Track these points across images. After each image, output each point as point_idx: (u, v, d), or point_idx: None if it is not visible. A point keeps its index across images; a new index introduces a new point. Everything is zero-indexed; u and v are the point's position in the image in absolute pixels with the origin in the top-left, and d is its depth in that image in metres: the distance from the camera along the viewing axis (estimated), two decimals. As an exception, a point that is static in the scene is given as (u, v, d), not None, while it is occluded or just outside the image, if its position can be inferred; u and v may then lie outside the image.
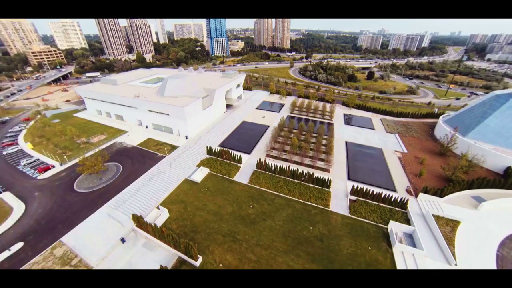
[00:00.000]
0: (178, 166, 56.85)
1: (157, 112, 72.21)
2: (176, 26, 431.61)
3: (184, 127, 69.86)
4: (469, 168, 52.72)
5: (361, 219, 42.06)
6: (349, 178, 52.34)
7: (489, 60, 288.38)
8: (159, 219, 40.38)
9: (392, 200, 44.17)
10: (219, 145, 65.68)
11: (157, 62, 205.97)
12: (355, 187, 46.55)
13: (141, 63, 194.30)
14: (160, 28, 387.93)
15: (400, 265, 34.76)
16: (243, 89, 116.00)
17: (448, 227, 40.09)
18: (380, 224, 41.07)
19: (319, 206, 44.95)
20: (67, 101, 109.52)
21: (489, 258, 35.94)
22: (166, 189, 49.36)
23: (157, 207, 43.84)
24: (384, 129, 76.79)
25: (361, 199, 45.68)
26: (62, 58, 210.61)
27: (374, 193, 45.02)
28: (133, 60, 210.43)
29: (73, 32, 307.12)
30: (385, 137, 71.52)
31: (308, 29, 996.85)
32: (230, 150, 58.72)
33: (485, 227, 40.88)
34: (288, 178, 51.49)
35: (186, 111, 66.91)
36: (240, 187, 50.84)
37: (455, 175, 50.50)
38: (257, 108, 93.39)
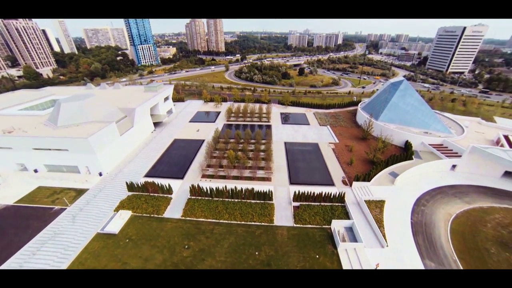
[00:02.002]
0: (86, 218, 42.84)
1: (50, 149, 54.02)
2: (87, 31, 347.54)
3: (94, 162, 54.41)
4: (384, 148, 59.27)
5: (306, 226, 40.07)
6: (291, 183, 50.57)
7: (381, 53, 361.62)
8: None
9: (332, 196, 44.16)
10: (146, 175, 54.01)
11: (61, 77, 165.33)
12: (297, 193, 44.57)
13: (34, 80, 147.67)
14: (62, 33, 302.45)
15: (345, 265, 33.91)
16: (175, 101, 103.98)
17: (377, 209, 42.46)
18: (324, 226, 39.98)
19: (263, 224, 40.77)
20: None
21: (406, 228, 39.48)
22: (64, 259, 35.58)
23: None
24: (318, 123, 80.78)
25: (304, 203, 44.03)
26: None
27: (315, 194, 44.08)
28: (19, 77, 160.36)
29: None
30: (319, 131, 74.84)
31: (243, 31, 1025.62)
32: (157, 181, 48.29)
33: (401, 200, 45.56)
34: (227, 200, 45.54)
35: (93, 142, 52.05)
36: (172, 224, 41.72)
37: (375, 157, 55.55)
38: (190, 121, 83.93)
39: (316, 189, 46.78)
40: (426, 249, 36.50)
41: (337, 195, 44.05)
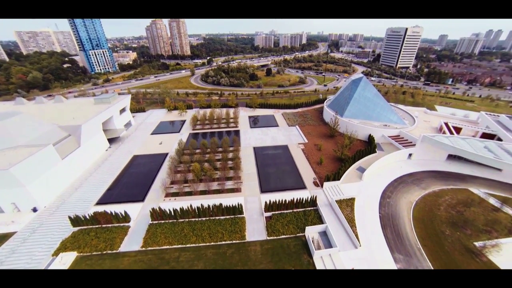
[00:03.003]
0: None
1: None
2: (21, 34, 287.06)
3: (24, 196, 44.67)
4: (350, 144, 61.20)
5: (280, 237, 38.15)
6: (262, 191, 48.39)
7: (342, 51, 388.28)
8: None
9: (304, 201, 43.11)
10: (98, 203, 46.41)
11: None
12: (268, 203, 42.44)
13: None
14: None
15: (323, 273, 32.58)
16: (135, 112, 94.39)
17: (348, 208, 42.76)
18: (298, 234, 38.56)
19: (234, 241, 37.67)
20: None
21: (376, 224, 40.39)
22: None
23: None
24: (287, 124, 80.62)
25: (277, 212, 42.16)
26: None
27: (287, 201, 42.49)
28: None
29: None
30: (289, 132, 74.55)
31: (209, 33, 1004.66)
32: (110, 210, 41.55)
33: (369, 194, 46.86)
34: (193, 220, 41.30)
35: (19, 173, 42.57)
36: (129, 259, 35.95)
37: (343, 154, 56.80)
38: (152, 133, 76.39)
39: (288, 195, 45.56)
40: (394, 242, 37.56)
41: (309, 199, 43.18)
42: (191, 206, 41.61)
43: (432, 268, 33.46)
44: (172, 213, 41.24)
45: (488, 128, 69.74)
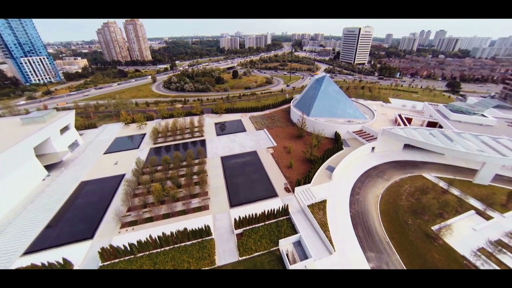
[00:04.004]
0: None
1: None
2: None
3: None
4: (319, 143, 61.77)
5: (253, 255, 35.40)
6: (232, 205, 45.08)
7: (305, 50, 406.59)
8: None
9: (276, 212, 41.07)
10: (27, 251, 37.41)
11: None
12: (238, 219, 39.35)
13: None
14: None
15: None
16: (84, 129, 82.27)
17: (321, 211, 42.19)
18: (272, 249, 36.28)
19: (204, 268, 33.66)
20: None
21: (348, 224, 40.47)
22: None
23: None
24: (254, 127, 78.55)
25: (248, 228, 39.29)
26: None
27: (258, 214, 39.94)
28: None
29: None
30: (256, 136, 72.50)
31: (172, 36, 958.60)
32: (43, 259, 33.65)
33: (339, 194, 47.12)
34: (155, 251, 35.99)
35: None
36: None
37: (312, 155, 56.77)
38: (106, 153, 66.80)
39: (259, 206, 43.39)
40: (366, 240, 37.88)
41: (280, 208, 41.32)
42: (150, 236, 36.20)
43: (401, 261, 34.35)
44: (128, 248, 35.32)
45: (431, 116, 77.75)
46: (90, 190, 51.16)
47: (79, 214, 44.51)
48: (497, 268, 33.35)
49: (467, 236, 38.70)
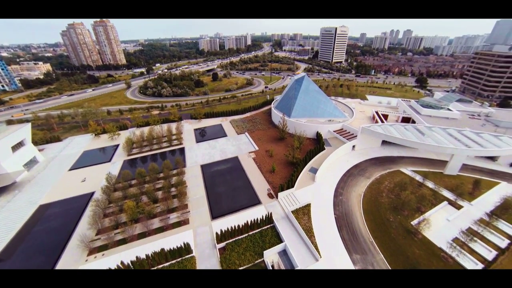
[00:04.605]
0: None
1: None
2: None
3: None
4: (301, 145, 61.42)
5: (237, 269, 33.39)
6: (213, 217, 42.69)
7: (285, 50, 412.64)
8: None
9: (259, 221, 39.46)
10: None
11: None
12: (220, 232, 37.13)
13: None
14: None
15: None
16: (46, 143, 74.14)
17: (305, 216, 41.40)
18: (257, 261, 34.60)
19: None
20: None
21: (333, 227, 40.05)
22: None
23: None
24: (235, 132, 76.46)
25: (231, 241, 37.23)
26: None
27: (241, 226, 38.06)
28: None
29: None
30: (238, 141, 70.50)
31: (148, 39, 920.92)
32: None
33: (322, 196, 46.71)
34: (127, 280, 32.41)
35: None
36: None
37: (294, 158, 56.12)
38: (72, 169, 60.41)
39: (242, 216, 41.64)
40: (351, 242, 37.71)
41: (264, 217, 39.80)
42: (122, 263, 32.64)
43: (385, 260, 34.55)
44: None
45: (405, 112, 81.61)
46: (52, 214, 45.46)
47: (37, 244, 39.15)
48: (470, 256, 34.83)
49: (442, 227, 40.22)
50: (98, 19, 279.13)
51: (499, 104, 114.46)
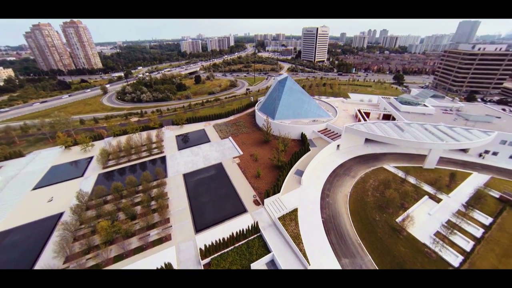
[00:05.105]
0: None
1: None
2: None
3: None
4: (286, 147, 60.58)
5: (223, 287, 31.40)
6: (197, 230, 40.31)
7: (268, 51, 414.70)
8: None
9: (245, 231, 37.75)
10: None
11: None
12: (205, 247, 34.90)
13: None
14: None
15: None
16: (2, 160, 66.67)
17: (292, 222, 40.38)
18: (244, 275, 32.81)
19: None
20: None
21: (321, 231, 39.31)
22: None
23: None
24: (219, 136, 74.10)
25: (216, 255, 35.14)
26: None
27: (226, 238, 36.13)
28: None
29: None
30: (222, 146, 68.25)
31: (126, 41, 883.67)
32: None
33: (309, 200, 45.98)
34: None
35: None
36: None
37: (280, 161, 55.09)
38: (36, 188, 54.44)
39: (228, 227, 39.87)
40: (339, 246, 37.20)
41: (250, 227, 38.17)
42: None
43: (373, 262, 34.36)
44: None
45: (385, 109, 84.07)
46: (9, 244, 40.04)
47: (-4, 277, 34.32)
48: (451, 249, 35.70)
49: (425, 222, 41.10)
50: (68, 20, 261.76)
51: (466, 98, 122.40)
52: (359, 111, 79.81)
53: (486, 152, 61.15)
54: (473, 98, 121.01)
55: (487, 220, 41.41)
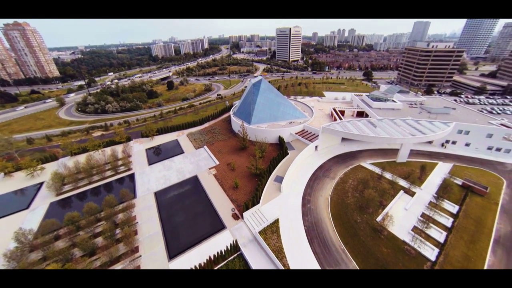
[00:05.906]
0: None
1: None
2: None
3: None
4: (263, 153, 58.41)
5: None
6: (171, 257, 36.02)
7: (243, 52, 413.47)
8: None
9: (224, 252, 34.53)
10: None
11: None
12: (175, 278, 30.88)
13: None
14: None
15: None
16: None
17: (274, 235, 38.18)
18: (225, 304, 29.61)
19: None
20: None
21: (304, 242, 37.61)
22: None
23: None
24: (193, 146, 69.47)
25: (192, 285, 31.32)
26: None
27: (203, 264, 32.58)
28: None
29: None
30: (196, 156, 63.88)
31: (89, 45, 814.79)
32: None
33: (290, 208, 44.15)
34: None
35: None
36: None
37: (258, 169, 52.70)
38: (-29, 225, 45.07)
39: (206, 248, 36.59)
40: (323, 255, 35.79)
41: (229, 246, 35.05)
42: None
43: (358, 268, 33.47)
44: None
45: (358, 106, 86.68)
46: None
47: None
48: (428, 243, 36.39)
49: (402, 218, 41.72)
50: (11, 21, 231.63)
51: (425, 91, 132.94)
52: (334, 110, 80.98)
53: (447, 141, 65.50)
54: (431, 91, 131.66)
55: (454, 208, 43.41)
